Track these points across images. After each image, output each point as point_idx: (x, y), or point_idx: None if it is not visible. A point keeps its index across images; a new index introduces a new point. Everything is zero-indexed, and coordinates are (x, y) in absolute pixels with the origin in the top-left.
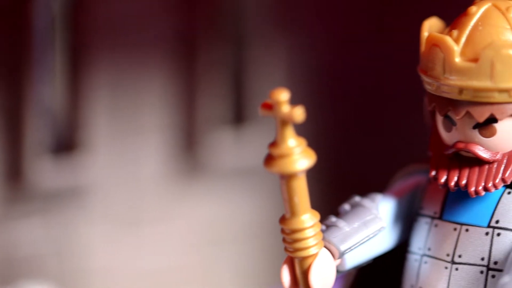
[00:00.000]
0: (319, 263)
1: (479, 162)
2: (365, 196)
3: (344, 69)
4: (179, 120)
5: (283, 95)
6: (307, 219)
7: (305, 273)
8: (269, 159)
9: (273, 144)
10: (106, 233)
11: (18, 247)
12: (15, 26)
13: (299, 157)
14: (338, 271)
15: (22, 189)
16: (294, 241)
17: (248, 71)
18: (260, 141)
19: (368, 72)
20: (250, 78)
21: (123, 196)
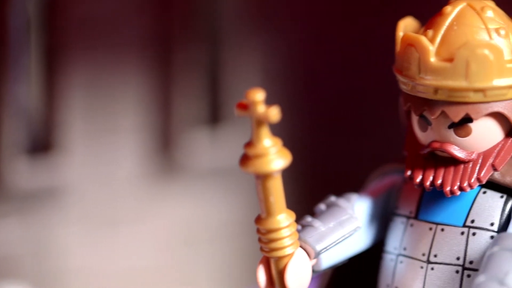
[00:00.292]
0: (295, 263)
1: (455, 161)
2: (341, 196)
3: (319, 69)
4: (155, 120)
5: (258, 95)
6: (283, 219)
7: (281, 273)
8: (245, 159)
9: (249, 144)
10: (83, 233)
11: None
12: None
13: (275, 157)
14: (314, 271)
15: None
16: (270, 241)
17: (224, 71)
18: (236, 141)
19: (344, 72)
20: (226, 78)
21: (100, 196)
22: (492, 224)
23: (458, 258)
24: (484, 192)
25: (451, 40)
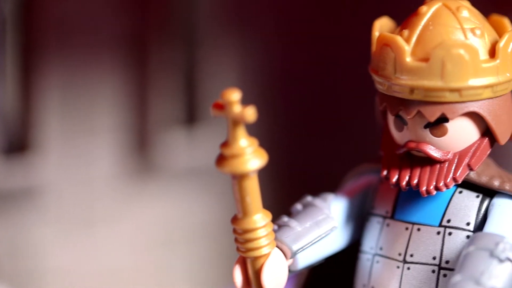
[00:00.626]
0: (271, 263)
1: (431, 161)
2: (317, 196)
3: (296, 69)
4: (132, 120)
5: (234, 95)
6: (259, 219)
7: (257, 273)
8: (221, 159)
9: (225, 144)
10: (59, 234)
11: None
12: None
13: (251, 157)
14: (290, 271)
15: None
16: (246, 241)
17: (200, 71)
18: (212, 141)
19: (320, 72)
20: (202, 78)
21: (76, 196)
22: (468, 224)
23: (434, 258)
24: (460, 192)
25: (427, 40)
